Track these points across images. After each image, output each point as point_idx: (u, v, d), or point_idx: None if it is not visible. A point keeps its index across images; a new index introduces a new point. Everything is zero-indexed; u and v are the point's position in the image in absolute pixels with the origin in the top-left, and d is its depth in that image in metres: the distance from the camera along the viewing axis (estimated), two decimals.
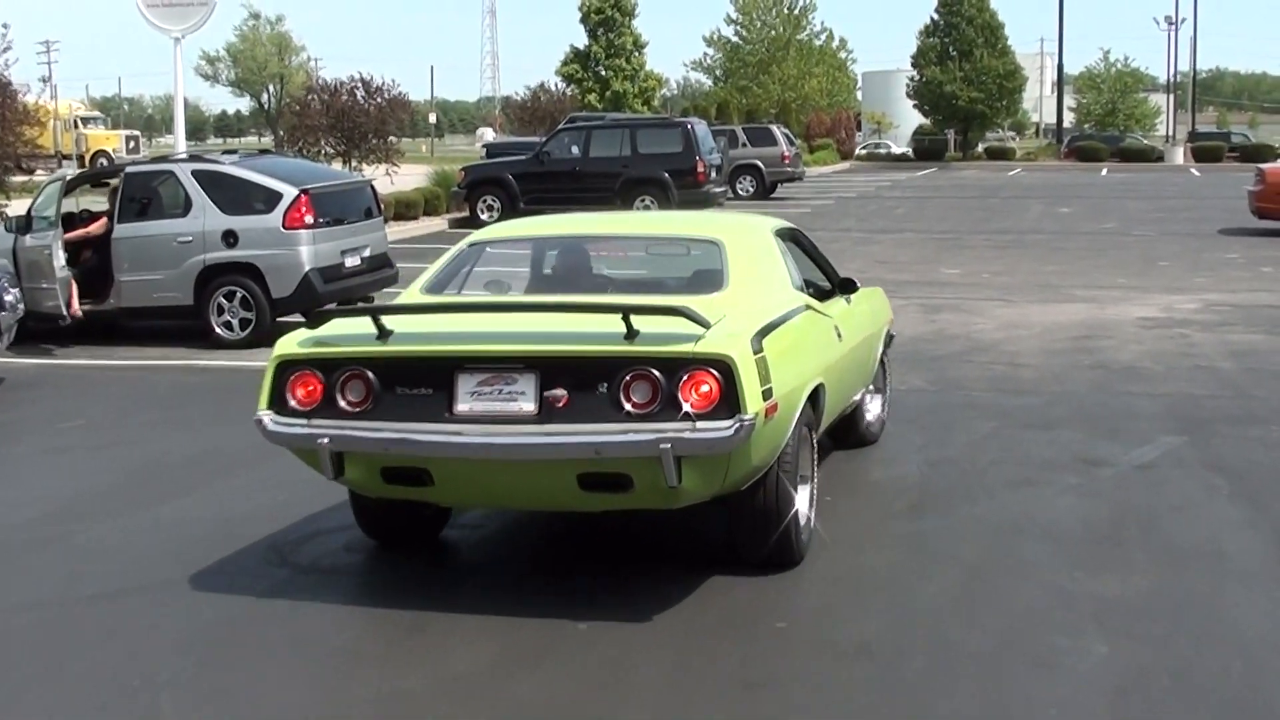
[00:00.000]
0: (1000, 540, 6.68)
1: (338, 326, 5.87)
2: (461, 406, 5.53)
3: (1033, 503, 7.36)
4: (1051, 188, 41.45)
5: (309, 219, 12.99)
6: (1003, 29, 66.27)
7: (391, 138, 31.98)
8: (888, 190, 41.51)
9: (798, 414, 5.98)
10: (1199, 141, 65.63)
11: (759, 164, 36.81)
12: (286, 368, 5.77)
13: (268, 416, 5.78)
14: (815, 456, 6.55)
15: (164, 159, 15.19)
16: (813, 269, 7.75)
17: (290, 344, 5.85)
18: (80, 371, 12.09)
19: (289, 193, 12.99)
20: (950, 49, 65.73)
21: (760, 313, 6.02)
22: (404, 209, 26.57)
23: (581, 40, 57.76)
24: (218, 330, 13.00)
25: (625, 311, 5.45)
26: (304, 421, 5.70)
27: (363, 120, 30.48)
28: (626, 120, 31.24)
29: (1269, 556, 6.44)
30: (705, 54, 72.21)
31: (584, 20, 57.40)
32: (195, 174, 13.27)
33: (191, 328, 13.14)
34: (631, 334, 5.42)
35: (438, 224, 27.22)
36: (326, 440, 5.63)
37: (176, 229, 13.09)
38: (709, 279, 6.48)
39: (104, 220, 13.62)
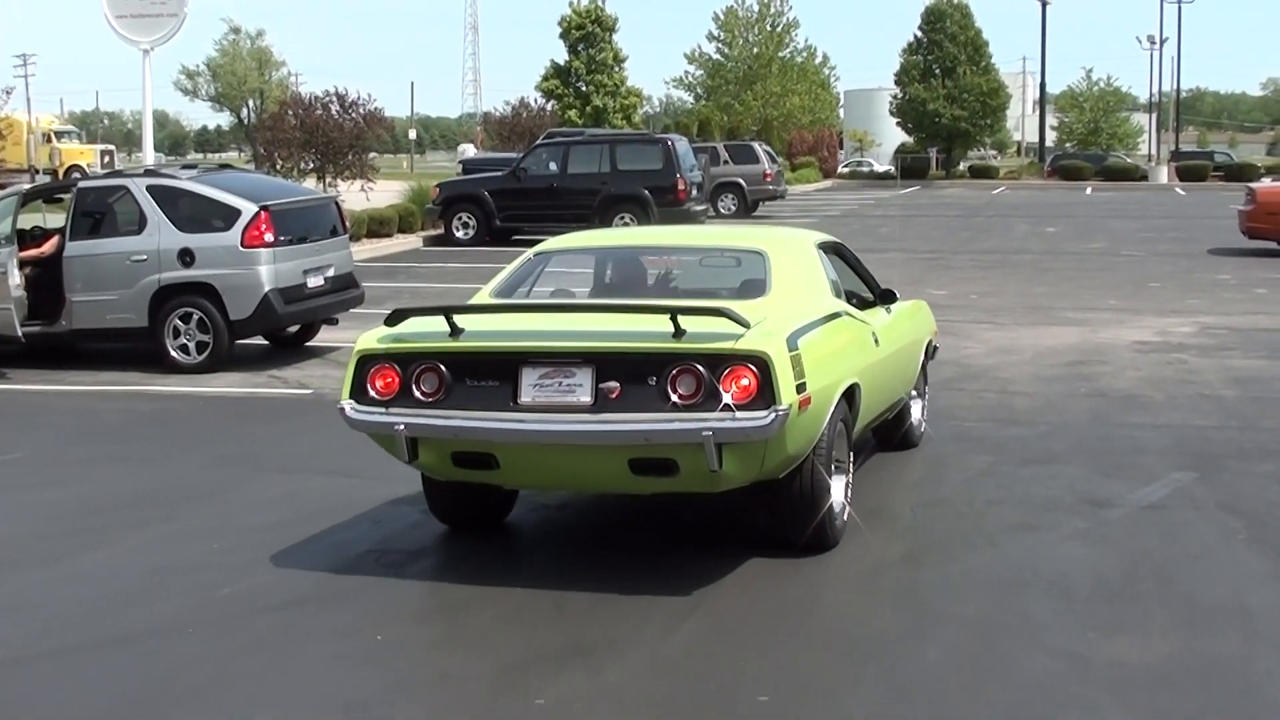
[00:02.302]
0: (1004, 596, 6.09)
1: (413, 324, 6.33)
2: (525, 397, 6.07)
3: (1037, 551, 6.78)
4: (1036, 207, 41.07)
5: (269, 237, 12.38)
6: (987, 47, 65.98)
7: (373, 153, 31.39)
8: (871, 209, 41.07)
9: (832, 408, 6.45)
10: (1183, 160, 65.38)
11: (741, 182, 36.33)
12: (367, 361, 6.32)
13: (349, 405, 6.33)
14: (851, 450, 7.01)
15: (118, 173, 14.57)
16: (855, 280, 8.29)
17: (370, 340, 6.38)
18: (26, 397, 11.46)
19: (248, 209, 12.39)
20: (934, 67, 65.44)
21: (798, 316, 6.53)
22: (377, 226, 25.92)
23: (562, 55, 57.22)
24: (173, 354, 12.38)
25: (673, 312, 5.96)
26: (382, 410, 6.24)
27: (337, 135, 29.92)
28: (606, 136, 30.62)
29: None
30: (687, 71, 71.77)
31: (564, 35, 56.82)
32: (150, 189, 12.66)
33: (147, 350, 12.51)
34: (679, 333, 5.93)
35: (412, 241, 26.58)
36: (402, 427, 6.16)
37: (130, 247, 12.49)
38: (753, 286, 6.99)
39: (56, 239, 13.01)
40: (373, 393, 6.27)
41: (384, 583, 6.39)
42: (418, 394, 6.18)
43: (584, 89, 56.00)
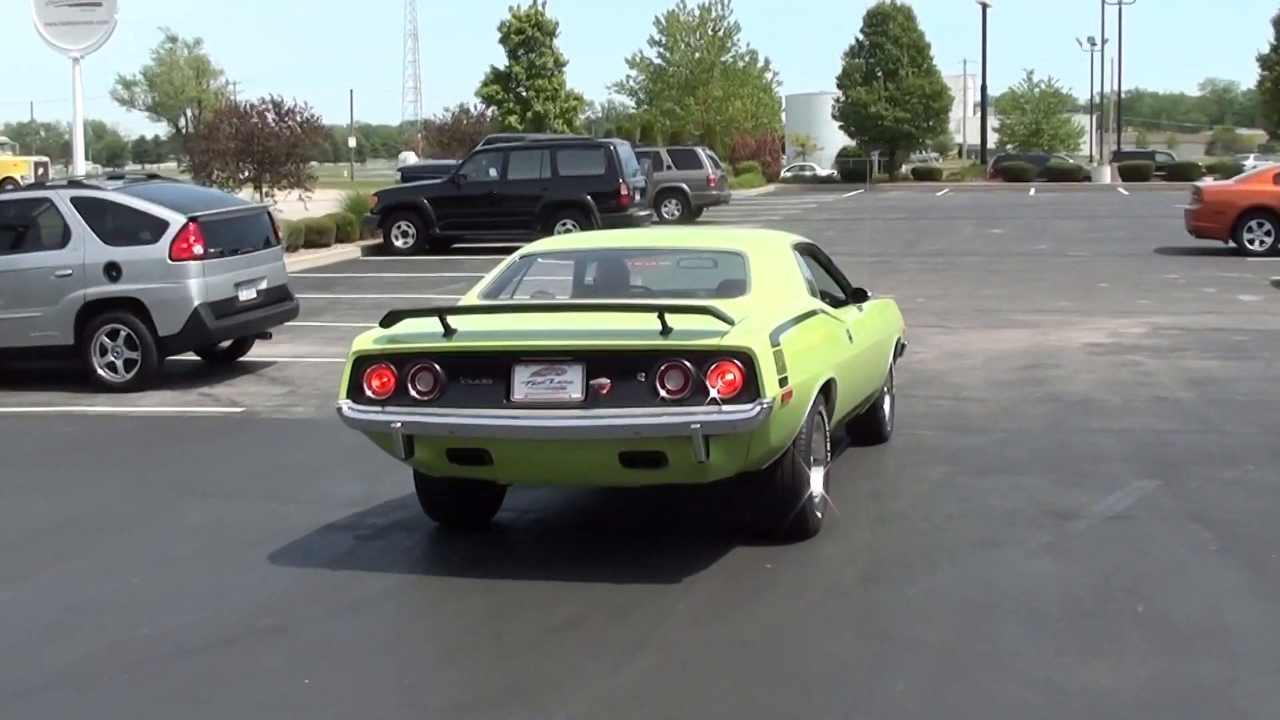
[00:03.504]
0: (970, 618, 5.78)
1: (408, 325, 6.49)
2: (518, 394, 6.26)
3: (1001, 568, 6.48)
4: (981, 208, 41.01)
5: (198, 249, 11.92)
6: (929, 49, 66.00)
7: (314, 162, 30.78)
8: (815, 213, 40.84)
9: (811, 402, 6.71)
10: (1125, 161, 65.70)
11: (684, 187, 35.97)
12: (363, 362, 6.49)
13: (346, 405, 6.50)
14: (828, 442, 7.21)
15: (41, 185, 14.07)
16: (828, 280, 8.46)
17: (366, 341, 6.54)
18: None
19: (176, 221, 11.93)
20: (876, 69, 65.41)
21: (778, 314, 6.78)
22: (315, 236, 25.40)
23: (502, 61, 56.79)
24: (100, 372, 11.90)
25: (660, 310, 6.18)
26: (379, 409, 6.42)
27: (274, 144, 29.34)
28: (546, 141, 30.17)
29: None
30: (629, 76, 71.56)
31: (504, 40, 56.39)
32: (75, 201, 12.17)
33: (74, 369, 12.01)
34: (666, 330, 6.15)
35: (350, 251, 26.06)
36: (399, 425, 6.33)
37: (54, 261, 12.00)
38: (734, 285, 7.21)
39: None
40: (369, 392, 6.44)
41: (313, 619, 6.00)
42: (413, 393, 6.37)
43: (524, 94, 55.60)
